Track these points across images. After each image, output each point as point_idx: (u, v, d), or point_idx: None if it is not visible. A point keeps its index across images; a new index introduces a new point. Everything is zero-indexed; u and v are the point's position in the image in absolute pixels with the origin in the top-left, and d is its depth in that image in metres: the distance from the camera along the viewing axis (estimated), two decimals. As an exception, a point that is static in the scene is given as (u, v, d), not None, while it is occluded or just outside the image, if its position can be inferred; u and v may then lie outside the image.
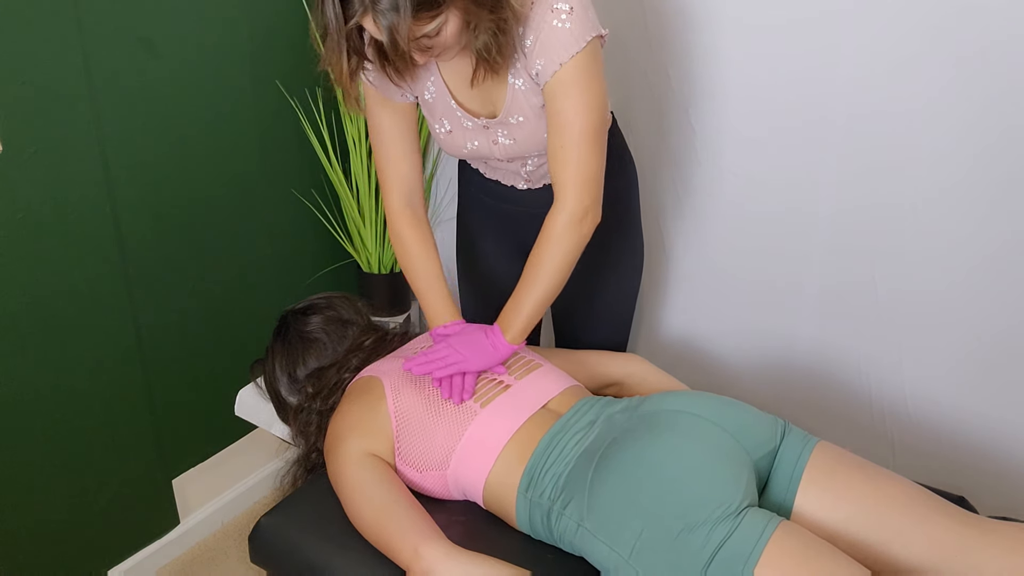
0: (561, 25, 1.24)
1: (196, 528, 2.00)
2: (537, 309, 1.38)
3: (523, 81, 1.32)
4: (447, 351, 1.36)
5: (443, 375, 1.33)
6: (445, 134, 1.44)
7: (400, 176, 1.46)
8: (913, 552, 1.14)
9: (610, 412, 1.32)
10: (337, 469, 1.29)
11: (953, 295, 1.59)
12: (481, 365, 1.36)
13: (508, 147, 1.42)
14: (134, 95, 1.61)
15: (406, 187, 1.47)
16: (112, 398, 1.73)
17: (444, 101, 1.39)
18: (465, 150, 1.46)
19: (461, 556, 1.17)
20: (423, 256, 1.48)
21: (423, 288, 1.48)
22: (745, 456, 1.21)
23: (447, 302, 1.48)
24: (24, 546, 1.66)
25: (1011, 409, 1.60)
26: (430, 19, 1.14)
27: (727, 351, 1.93)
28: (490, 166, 1.54)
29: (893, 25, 1.48)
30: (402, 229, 1.48)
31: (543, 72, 1.27)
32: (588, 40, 1.25)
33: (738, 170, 1.75)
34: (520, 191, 1.55)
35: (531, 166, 1.48)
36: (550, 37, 1.24)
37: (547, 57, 1.26)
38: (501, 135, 1.40)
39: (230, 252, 1.89)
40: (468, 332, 1.41)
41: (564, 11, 1.23)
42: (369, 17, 1.13)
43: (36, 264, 1.53)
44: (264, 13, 1.82)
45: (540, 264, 1.36)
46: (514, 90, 1.34)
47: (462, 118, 1.40)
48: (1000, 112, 1.44)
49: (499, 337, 1.38)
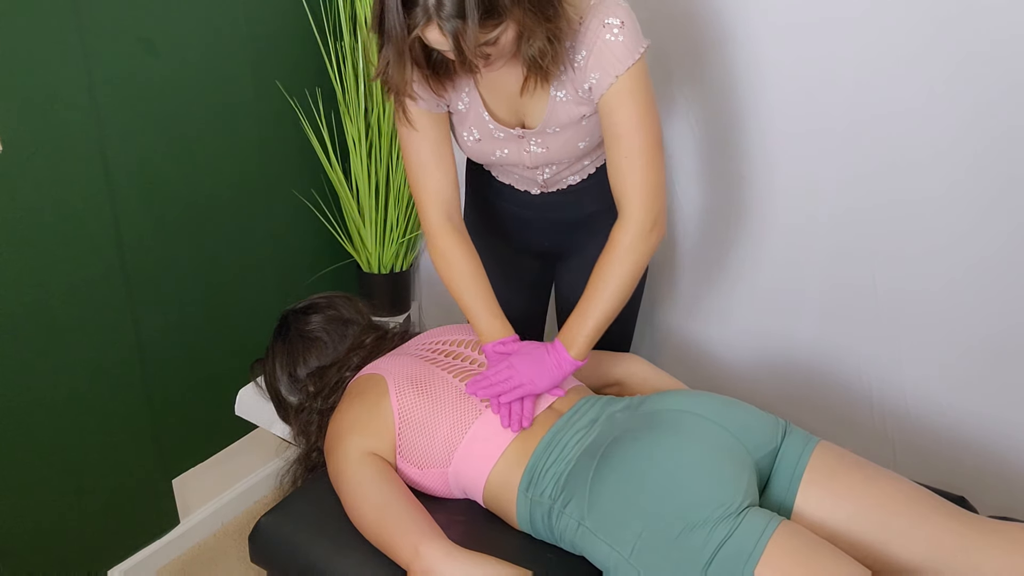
0: (614, 39, 1.25)
1: (196, 528, 2.00)
2: (603, 323, 1.35)
3: (565, 93, 1.32)
4: (509, 372, 1.31)
5: (511, 399, 1.29)
6: (473, 142, 1.43)
7: (438, 190, 1.41)
8: (913, 552, 1.15)
9: (611, 411, 1.33)
10: (337, 468, 1.29)
11: (953, 295, 1.59)
12: (547, 386, 1.33)
13: (539, 155, 1.42)
14: (134, 95, 1.61)
15: (444, 201, 1.42)
16: (112, 398, 1.73)
17: (476, 111, 1.38)
18: (493, 157, 1.45)
19: (461, 555, 1.17)
20: (469, 271, 1.43)
21: (471, 304, 1.42)
22: (746, 456, 1.21)
23: (500, 318, 1.42)
24: (24, 546, 1.66)
25: (1011, 409, 1.60)
26: (494, 26, 1.13)
27: (728, 351, 1.93)
28: (504, 170, 1.53)
29: (892, 27, 1.48)
30: (445, 244, 1.43)
31: (598, 85, 1.28)
32: (640, 52, 1.27)
33: (738, 171, 1.75)
34: (533, 195, 1.55)
35: (548, 173, 1.48)
36: (604, 51, 1.25)
37: (602, 70, 1.26)
38: (534, 144, 1.40)
39: (230, 252, 1.89)
40: (529, 350, 1.36)
41: (616, 25, 1.24)
42: (433, 25, 1.12)
43: (36, 264, 1.53)
44: (264, 13, 1.82)
45: (607, 278, 1.34)
46: (555, 102, 1.33)
47: (493, 129, 1.39)
48: (998, 113, 1.44)
49: (563, 354, 1.35)
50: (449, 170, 1.42)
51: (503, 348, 1.39)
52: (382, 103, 1.97)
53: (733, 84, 1.69)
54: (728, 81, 1.69)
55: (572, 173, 1.51)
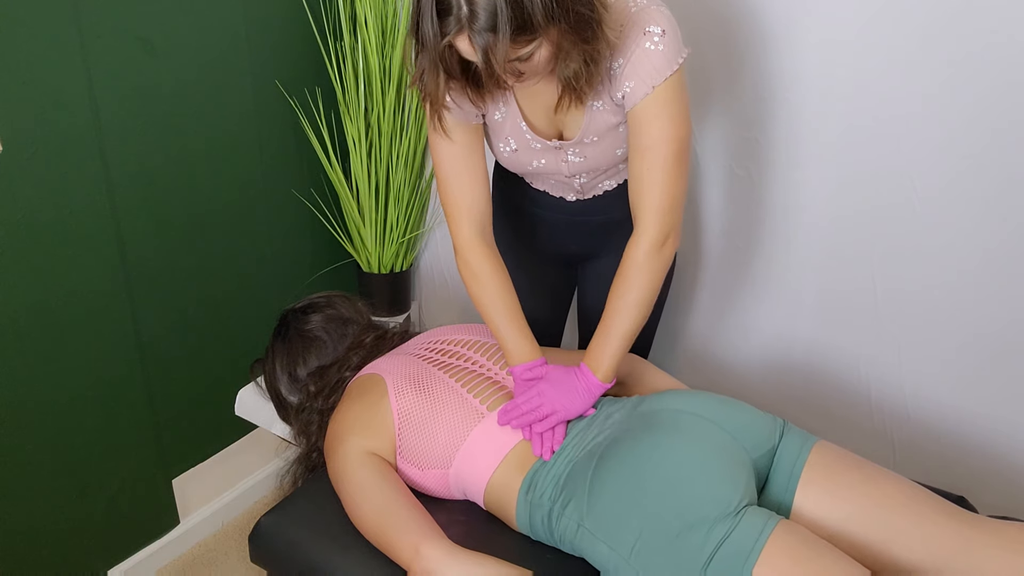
0: (654, 48, 1.21)
1: (196, 528, 2.00)
2: (626, 342, 1.33)
3: (603, 103, 1.29)
4: (540, 400, 1.30)
5: (545, 429, 1.28)
6: (510, 152, 1.40)
7: (471, 204, 1.38)
8: (913, 552, 1.14)
9: (609, 412, 1.33)
10: (338, 468, 1.29)
11: (951, 294, 1.59)
12: (579, 411, 1.32)
13: (577, 164, 1.39)
14: (134, 95, 1.61)
15: (477, 215, 1.39)
16: (112, 398, 1.73)
17: (514, 122, 1.36)
18: (530, 168, 1.43)
19: (462, 555, 1.17)
20: (499, 290, 1.39)
21: (500, 323, 1.39)
22: (744, 455, 1.21)
23: (529, 339, 1.39)
24: (24, 546, 1.66)
25: (1011, 408, 1.60)
26: (526, 43, 1.10)
27: (726, 351, 1.93)
28: (541, 178, 1.50)
29: (890, 26, 1.48)
30: (476, 260, 1.39)
31: (631, 95, 1.24)
32: (679, 63, 1.24)
33: (737, 171, 1.75)
34: (568, 202, 1.52)
35: (585, 179, 1.45)
36: (642, 60, 1.22)
37: (638, 79, 1.23)
38: (572, 154, 1.38)
39: (230, 252, 1.89)
40: (558, 377, 1.34)
41: (657, 34, 1.21)
42: (464, 36, 1.09)
43: (36, 265, 1.53)
44: (264, 13, 1.82)
45: (624, 296, 1.32)
46: (592, 112, 1.31)
47: (531, 140, 1.37)
48: (996, 112, 1.44)
49: (591, 378, 1.33)
50: (483, 182, 1.38)
51: (530, 374, 1.36)
52: (382, 103, 1.97)
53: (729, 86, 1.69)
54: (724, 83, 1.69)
55: (608, 178, 1.48)
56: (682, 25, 1.26)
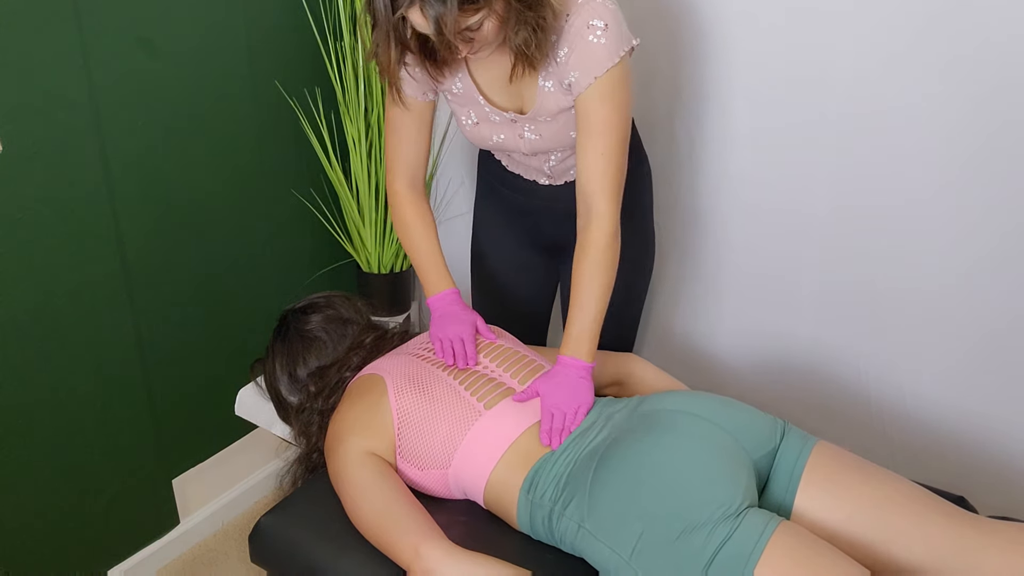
0: (596, 41, 1.27)
1: (196, 528, 2.00)
2: (599, 323, 1.38)
3: (552, 84, 1.35)
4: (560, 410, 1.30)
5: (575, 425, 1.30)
6: (472, 126, 1.48)
7: (408, 161, 1.51)
8: (913, 552, 1.15)
9: (610, 412, 1.33)
10: (337, 468, 1.29)
11: (951, 293, 1.59)
12: (592, 396, 1.35)
13: (534, 142, 1.45)
14: (134, 95, 1.61)
15: (411, 171, 1.52)
16: (112, 398, 1.73)
17: (471, 95, 1.42)
18: (491, 142, 1.49)
19: (462, 556, 1.17)
20: (422, 234, 1.53)
21: (421, 262, 1.53)
22: (745, 456, 1.21)
23: (443, 273, 1.53)
24: (24, 546, 1.66)
25: (1011, 408, 1.60)
26: (474, 11, 1.17)
27: (726, 351, 1.93)
28: (513, 160, 1.57)
29: (887, 23, 1.48)
30: (404, 207, 1.53)
31: (577, 84, 1.31)
32: (621, 55, 1.29)
33: (736, 171, 1.75)
34: (541, 186, 1.58)
35: (553, 161, 1.51)
36: (585, 52, 1.28)
37: (582, 70, 1.29)
38: (528, 130, 1.43)
39: (230, 252, 1.89)
40: (555, 381, 1.34)
41: (599, 28, 1.26)
42: (416, 8, 1.16)
43: (36, 264, 1.53)
44: (264, 13, 1.82)
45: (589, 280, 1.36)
46: (544, 92, 1.37)
47: (489, 112, 1.43)
48: (994, 110, 1.44)
49: (577, 364, 1.35)
50: (424, 148, 1.51)
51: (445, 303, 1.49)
52: (382, 103, 1.97)
53: (729, 83, 1.69)
54: (724, 80, 1.69)
55: None
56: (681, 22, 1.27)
